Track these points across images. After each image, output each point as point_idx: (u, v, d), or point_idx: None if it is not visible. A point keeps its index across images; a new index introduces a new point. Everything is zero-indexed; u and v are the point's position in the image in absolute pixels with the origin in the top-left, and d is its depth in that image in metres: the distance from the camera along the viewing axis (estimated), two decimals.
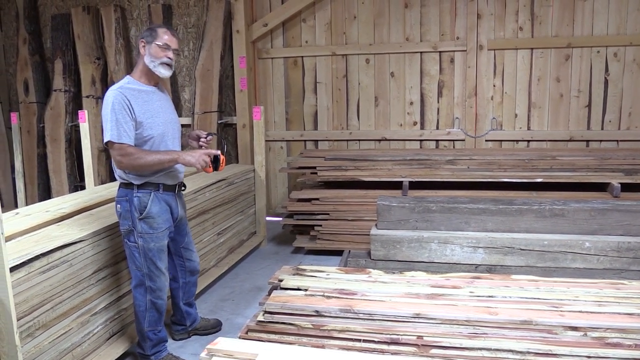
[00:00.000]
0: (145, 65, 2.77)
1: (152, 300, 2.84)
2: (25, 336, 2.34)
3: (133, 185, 2.74)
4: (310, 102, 5.99)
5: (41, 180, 6.51)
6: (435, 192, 4.53)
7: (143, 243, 2.77)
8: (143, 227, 2.76)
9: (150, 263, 2.81)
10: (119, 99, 2.64)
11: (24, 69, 6.45)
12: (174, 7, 6.19)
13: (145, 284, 2.83)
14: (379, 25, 5.71)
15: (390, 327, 2.37)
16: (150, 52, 2.74)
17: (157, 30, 2.78)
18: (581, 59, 5.34)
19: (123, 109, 2.63)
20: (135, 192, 2.74)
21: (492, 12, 5.42)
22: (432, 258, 3.41)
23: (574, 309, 2.45)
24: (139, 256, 2.79)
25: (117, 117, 2.61)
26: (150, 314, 2.86)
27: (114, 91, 2.67)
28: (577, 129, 5.43)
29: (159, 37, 2.76)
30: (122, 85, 2.72)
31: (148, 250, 2.79)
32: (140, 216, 2.75)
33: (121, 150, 2.62)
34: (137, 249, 2.78)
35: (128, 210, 2.75)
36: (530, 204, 3.43)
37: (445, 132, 5.68)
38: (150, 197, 2.76)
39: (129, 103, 2.65)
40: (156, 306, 2.86)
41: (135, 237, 2.77)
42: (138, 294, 2.84)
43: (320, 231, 4.66)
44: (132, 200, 2.74)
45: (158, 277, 2.85)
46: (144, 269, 2.81)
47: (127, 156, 2.62)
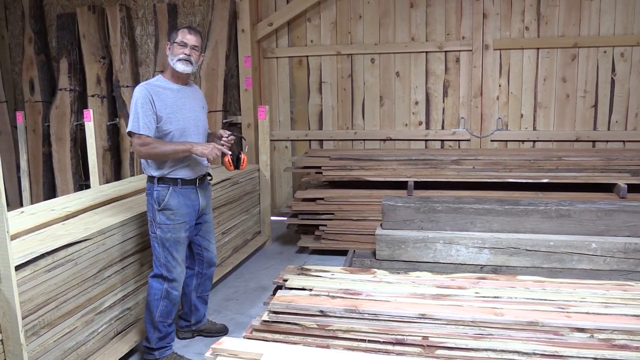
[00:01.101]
0: (168, 62, 2.94)
1: (168, 289, 2.92)
2: (30, 335, 2.34)
3: (154, 179, 2.90)
4: (315, 102, 5.98)
5: (46, 179, 6.53)
6: (440, 192, 4.52)
7: (161, 233, 2.89)
8: (161, 218, 2.89)
9: (167, 253, 2.91)
10: (144, 93, 2.82)
11: (29, 68, 6.47)
12: (179, 6, 6.20)
13: (162, 274, 2.92)
14: (384, 24, 5.69)
15: (395, 328, 2.36)
16: (172, 51, 2.92)
17: (178, 30, 2.97)
18: (588, 59, 5.31)
19: (145, 103, 2.81)
20: (155, 186, 2.90)
21: (498, 12, 5.40)
22: (437, 258, 3.39)
23: (580, 310, 2.43)
24: (158, 246, 2.91)
25: (139, 110, 2.80)
26: (164, 303, 2.92)
27: (141, 86, 2.88)
28: (584, 130, 5.40)
29: (177, 36, 2.93)
30: (150, 82, 2.94)
31: (165, 241, 2.90)
32: (159, 207, 2.89)
33: (140, 139, 2.80)
34: (156, 239, 2.91)
35: (150, 202, 2.93)
36: (536, 205, 3.41)
37: (450, 132, 5.66)
38: (168, 191, 2.90)
39: (151, 98, 2.83)
40: (170, 297, 2.93)
41: (154, 228, 2.91)
42: (155, 283, 2.93)
43: (325, 231, 4.65)
44: (152, 193, 2.91)
45: (174, 267, 2.93)
46: (162, 259, 2.91)
47: (145, 145, 2.80)
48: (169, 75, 2.97)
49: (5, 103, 6.74)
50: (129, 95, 6.18)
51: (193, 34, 2.95)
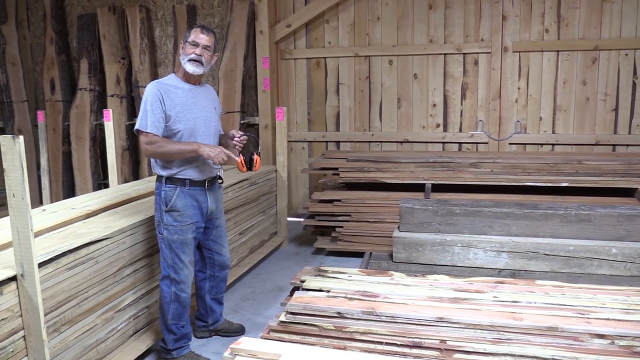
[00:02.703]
0: (180, 62, 2.91)
1: (176, 292, 2.91)
2: (52, 331, 2.38)
3: (162, 179, 2.87)
4: (333, 103, 5.99)
5: (65, 178, 6.61)
6: (458, 195, 4.49)
7: (168, 235, 2.87)
8: (168, 220, 2.86)
9: (174, 255, 2.89)
10: (154, 91, 2.80)
11: (50, 68, 6.56)
12: (198, 7, 6.25)
13: (170, 276, 2.90)
14: (402, 26, 5.68)
15: (413, 331, 2.36)
16: (184, 50, 2.88)
17: (191, 29, 2.91)
18: (608, 62, 5.25)
19: (155, 102, 2.79)
20: (163, 186, 2.87)
21: (518, 14, 5.35)
22: (454, 261, 3.38)
23: (600, 316, 2.41)
24: (165, 247, 2.89)
25: (148, 108, 2.78)
26: (174, 306, 2.91)
27: (152, 84, 2.85)
28: (604, 133, 5.34)
29: (190, 35, 2.88)
30: (161, 81, 2.91)
31: (172, 242, 2.87)
32: (166, 209, 2.86)
33: (147, 137, 2.78)
34: (163, 241, 2.89)
35: (157, 202, 2.90)
36: (555, 209, 3.39)
37: (468, 134, 5.63)
38: (175, 191, 2.86)
39: (161, 96, 2.80)
40: (179, 299, 2.92)
41: (162, 229, 2.88)
42: (164, 286, 2.93)
43: (341, 232, 4.65)
44: (160, 194, 2.88)
45: (182, 269, 2.91)
46: (169, 261, 2.90)
47: (152, 144, 2.77)
48: (181, 75, 2.93)
49: (27, 102, 6.84)
50: None
51: (205, 33, 2.88)
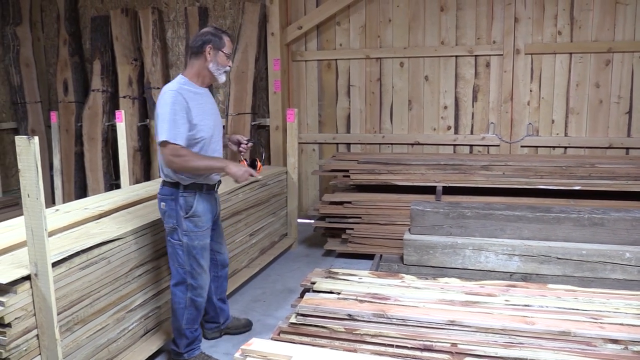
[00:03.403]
0: (207, 69, 2.79)
1: (192, 297, 2.88)
2: (65, 330, 2.40)
3: (179, 185, 2.77)
4: (343, 105, 5.99)
5: (78, 178, 6.66)
6: (469, 197, 4.47)
7: (188, 241, 2.80)
8: (188, 226, 2.79)
9: (193, 261, 2.84)
10: (179, 99, 2.66)
11: (63, 69, 6.62)
12: (209, 9, 6.27)
13: (186, 282, 2.86)
14: (413, 28, 5.67)
15: (424, 334, 2.35)
16: (217, 60, 2.78)
17: (223, 37, 2.80)
18: (622, 65, 5.20)
19: (181, 110, 2.65)
20: (181, 192, 2.77)
21: (530, 16, 5.32)
22: (465, 265, 3.36)
23: (614, 321, 2.39)
24: (182, 254, 2.82)
25: (175, 118, 2.63)
26: (189, 311, 2.89)
27: (173, 91, 2.68)
28: (617, 136, 5.29)
29: (225, 45, 2.79)
30: (180, 86, 2.73)
31: (192, 248, 2.82)
32: (186, 215, 2.78)
33: (175, 150, 2.63)
34: (181, 247, 2.81)
35: (173, 208, 2.78)
36: (568, 212, 3.36)
37: (479, 137, 5.60)
38: (195, 197, 2.79)
39: (187, 105, 2.67)
40: (195, 304, 2.90)
41: (179, 235, 2.80)
42: (178, 291, 2.87)
43: (351, 234, 4.65)
44: (177, 200, 2.77)
45: (200, 274, 2.88)
46: (187, 267, 2.84)
47: (180, 157, 2.64)
48: (195, 78, 2.81)
49: (40, 103, 6.90)
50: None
51: (232, 42, 2.84)
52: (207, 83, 2.87)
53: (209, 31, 2.83)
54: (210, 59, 2.77)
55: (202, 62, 2.78)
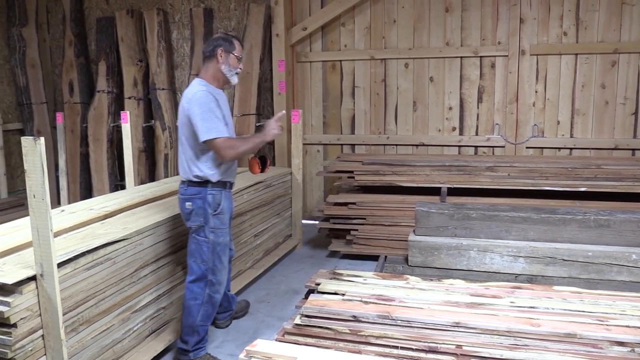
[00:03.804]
0: (221, 71, 2.94)
1: (211, 294, 2.96)
2: (70, 331, 2.41)
3: (207, 184, 2.89)
4: (348, 106, 5.98)
5: (83, 179, 6.69)
6: (474, 199, 4.46)
7: (214, 238, 2.92)
8: (215, 223, 2.92)
9: (216, 257, 2.95)
10: (211, 98, 2.84)
11: (69, 70, 6.65)
12: (215, 10, 6.29)
13: (207, 278, 2.94)
14: (418, 29, 5.66)
15: (428, 335, 2.35)
16: (229, 62, 2.94)
17: (234, 41, 2.97)
18: (628, 65, 5.18)
19: (217, 107, 2.84)
20: (210, 190, 2.89)
21: (536, 17, 5.31)
22: (470, 266, 3.35)
23: (620, 323, 2.37)
24: (207, 250, 2.92)
25: (216, 115, 2.81)
26: (206, 308, 2.96)
27: (204, 92, 2.84)
28: (623, 137, 5.26)
29: (236, 49, 2.96)
30: (208, 87, 2.90)
31: (217, 245, 2.94)
32: (214, 212, 2.91)
33: (225, 142, 2.79)
34: (207, 244, 2.91)
35: (201, 207, 2.88)
36: (574, 214, 3.34)
37: (484, 138, 5.59)
38: (222, 194, 2.94)
39: (217, 102, 2.87)
40: (212, 300, 2.98)
41: (206, 233, 2.90)
42: (196, 288, 2.94)
43: (356, 235, 4.64)
44: (205, 198, 2.88)
45: (220, 271, 2.99)
46: (210, 263, 2.93)
47: (231, 147, 2.81)
48: (212, 80, 2.96)
49: (46, 104, 6.92)
50: (164, 97, 6.29)
51: (242, 46, 3.05)
52: (221, 84, 3.02)
53: (219, 36, 3.02)
54: (222, 62, 2.92)
55: (215, 64, 2.94)
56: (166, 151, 6.30)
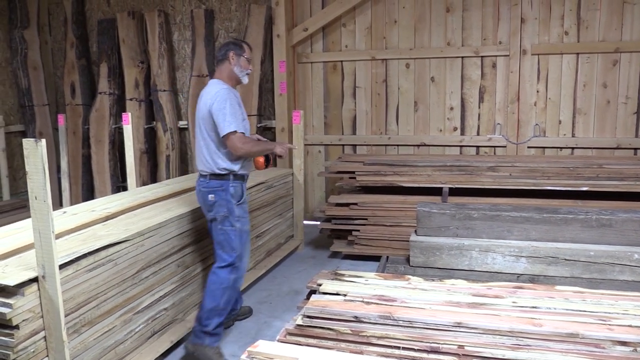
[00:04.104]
0: (234, 72, 3.20)
1: (236, 278, 3.17)
2: (72, 332, 2.41)
3: (229, 176, 3.10)
4: (349, 107, 5.99)
5: (85, 180, 6.70)
6: (475, 199, 4.45)
7: (241, 226, 3.14)
8: (240, 212, 3.14)
9: (243, 244, 3.18)
10: (232, 95, 3.09)
11: (71, 72, 6.66)
12: (215, 12, 6.29)
13: (234, 264, 3.13)
14: (419, 29, 5.66)
15: (430, 336, 2.34)
16: (240, 64, 3.20)
17: (243, 45, 3.25)
18: (630, 64, 5.17)
19: (238, 105, 3.12)
20: (232, 182, 3.11)
21: (537, 17, 5.30)
22: (472, 266, 3.35)
23: (622, 322, 2.37)
24: (235, 238, 3.12)
25: (235, 111, 3.05)
26: (229, 292, 3.14)
27: (227, 90, 3.09)
28: (625, 137, 5.26)
29: (245, 52, 3.23)
30: (227, 86, 3.15)
31: (244, 232, 3.17)
32: (238, 202, 3.13)
33: (241, 138, 3.03)
34: (234, 232, 3.11)
35: (224, 198, 3.09)
36: (575, 213, 3.34)
37: (486, 138, 5.58)
38: (242, 185, 3.17)
39: (237, 99, 3.13)
40: (235, 285, 3.20)
41: (232, 222, 3.11)
42: (223, 273, 3.13)
43: (358, 236, 4.64)
44: (228, 189, 3.09)
45: (245, 257, 3.21)
46: (238, 250, 3.14)
47: (245, 143, 3.04)
48: (229, 80, 3.20)
49: (48, 106, 6.94)
50: (166, 99, 6.30)
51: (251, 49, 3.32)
52: (235, 84, 3.26)
53: (230, 41, 3.30)
54: (234, 64, 3.18)
55: (228, 66, 3.19)
56: (168, 152, 6.31)
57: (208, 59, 6.18)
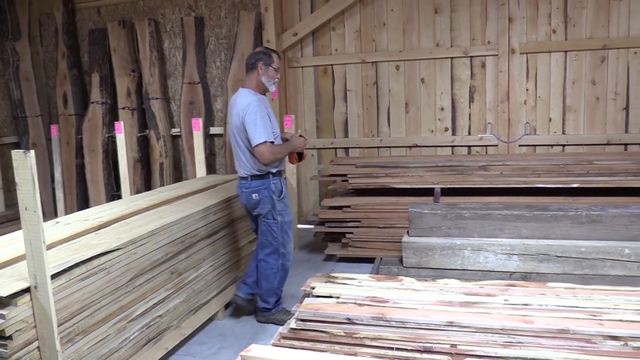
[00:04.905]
0: (262, 82, 3.45)
1: (283, 262, 3.58)
2: (66, 342, 2.41)
3: (269, 175, 3.44)
4: (341, 110, 6.01)
5: (79, 190, 6.69)
6: (467, 198, 4.47)
7: (281, 218, 3.50)
8: (281, 206, 3.50)
9: (284, 233, 3.54)
10: (261, 107, 3.37)
11: (63, 83, 6.66)
12: (205, 19, 6.32)
13: (279, 251, 3.54)
14: (408, 31, 5.69)
15: (423, 335, 2.35)
16: (268, 74, 3.44)
17: (272, 55, 3.47)
18: (617, 61, 5.21)
19: (266, 115, 3.37)
20: (272, 180, 3.46)
21: (524, 15, 5.34)
22: (465, 265, 3.37)
23: (613, 317, 2.38)
24: (277, 229, 3.50)
25: (264, 122, 3.32)
26: (281, 274, 3.58)
27: (256, 101, 3.37)
28: (615, 133, 5.29)
29: (274, 62, 3.45)
30: (257, 97, 3.42)
31: (284, 223, 3.52)
32: (279, 198, 3.49)
33: (271, 147, 3.33)
34: (275, 224, 3.49)
35: (267, 195, 3.45)
36: (566, 210, 3.37)
37: (477, 137, 5.61)
38: (280, 182, 3.51)
39: (265, 109, 3.39)
40: (285, 267, 3.60)
41: (274, 215, 3.48)
42: (271, 259, 3.55)
43: (351, 238, 4.66)
44: (269, 187, 3.44)
45: (288, 243, 3.59)
46: (280, 239, 3.52)
47: (273, 152, 3.34)
48: (256, 88, 3.45)
49: (41, 117, 6.94)
50: (158, 107, 6.31)
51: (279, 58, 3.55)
52: (263, 92, 3.51)
53: (260, 50, 3.56)
54: (262, 73, 3.42)
55: (257, 75, 3.44)
56: (161, 160, 6.32)
57: (199, 66, 6.20)
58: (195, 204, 3.72)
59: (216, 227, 3.82)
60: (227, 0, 6.24)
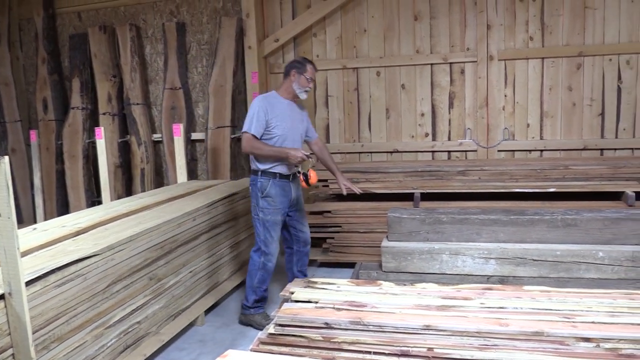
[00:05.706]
0: (292, 88, 3.66)
1: (264, 262, 3.65)
2: (41, 349, 2.39)
3: (258, 173, 3.60)
4: (322, 115, 6.03)
5: (59, 196, 6.62)
6: (447, 203, 4.53)
7: (263, 216, 3.61)
8: (263, 204, 3.61)
9: (266, 232, 3.62)
10: (259, 103, 3.56)
11: (43, 88, 6.60)
12: (187, 24, 6.31)
13: (261, 248, 3.65)
14: (389, 38, 5.75)
15: (400, 339, 2.37)
16: (299, 81, 3.65)
17: (307, 65, 3.66)
18: (593, 68, 5.31)
19: (260, 112, 3.52)
20: (259, 178, 3.60)
21: (502, 23, 5.42)
22: (443, 269, 3.40)
23: (586, 319, 2.42)
24: (259, 225, 3.63)
25: (258, 117, 3.51)
26: (261, 273, 3.66)
27: (259, 98, 3.62)
28: (591, 138, 5.39)
29: (307, 71, 3.64)
30: (266, 95, 3.70)
31: (266, 222, 3.61)
32: (262, 195, 3.60)
33: (249, 138, 3.51)
34: (258, 220, 3.63)
35: (254, 191, 3.63)
36: (542, 214, 3.42)
37: (457, 143, 5.67)
38: (269, 182, 3.59)
39: (266, 108, 3.54)
40: (266, 267, 3.66)
41: (257, 211, 3.62)
42: (255, 256, 3.68)
43: (332, 244, 4.68)
44: (256, 184, 3.61)
45: (271, 244, 3.65)
46: (262, 237, 3.63)
47: (249, 141, 3.51)
48: (284, 92, 3.68)
49: (20, 122, 6.86)
50: (139, 112, 6.28)
51: (315, 69, 3.71)
52: (292, 98, 3.71)
53: (297, 60, 3.80)
54: (294, 80, 3.65)
55: (289, 81, 3.67)
56: (142, 166, 6.28)
57: (180, 72, 6.18)
58: (175, 210, 3.71)
59: (196, 232, 3.81)
60: (209, 6, 6.24)
